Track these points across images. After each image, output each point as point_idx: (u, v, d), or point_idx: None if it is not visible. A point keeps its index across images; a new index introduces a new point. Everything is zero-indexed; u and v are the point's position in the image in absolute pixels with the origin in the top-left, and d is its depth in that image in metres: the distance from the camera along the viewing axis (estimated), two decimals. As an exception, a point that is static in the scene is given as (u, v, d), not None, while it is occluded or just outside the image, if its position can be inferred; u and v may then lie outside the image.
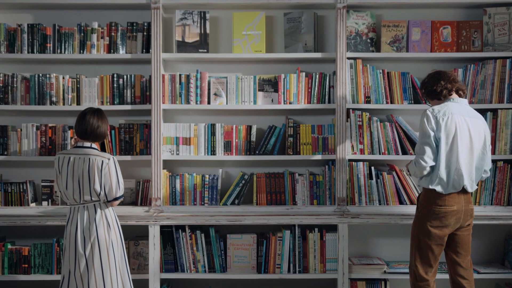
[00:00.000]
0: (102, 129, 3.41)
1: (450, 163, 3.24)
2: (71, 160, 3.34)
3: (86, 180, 3.30)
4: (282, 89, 3.99)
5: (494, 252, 4.18)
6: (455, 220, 3.25)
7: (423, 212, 3.31)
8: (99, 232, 3.31)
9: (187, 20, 4.01)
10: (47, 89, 3.98)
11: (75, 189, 3.31)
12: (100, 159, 3.32)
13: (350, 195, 3.96)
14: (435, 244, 3.27)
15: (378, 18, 4.11)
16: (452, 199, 3.24)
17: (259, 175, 4.00)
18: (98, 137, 3.41)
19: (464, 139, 3.25)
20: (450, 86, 3.33)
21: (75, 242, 3.31)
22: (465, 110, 3.31)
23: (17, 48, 3.99)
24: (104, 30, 3.99)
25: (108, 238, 3.34)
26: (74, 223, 3.33)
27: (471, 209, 3.32)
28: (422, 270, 3.31)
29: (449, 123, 3.22)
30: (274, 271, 3.92)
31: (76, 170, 3.32)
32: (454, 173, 3.23)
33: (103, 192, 3.32)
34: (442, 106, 3.29)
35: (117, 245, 3.39)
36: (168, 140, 3.99)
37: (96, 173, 3.30)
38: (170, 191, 4.00)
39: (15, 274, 3.91)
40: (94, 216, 3.33)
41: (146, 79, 4.01)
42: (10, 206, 3.98)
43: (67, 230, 3.36)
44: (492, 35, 3.97)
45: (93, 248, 3.30)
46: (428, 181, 3.28)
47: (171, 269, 3.93)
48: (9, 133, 4.00)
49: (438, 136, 3.23)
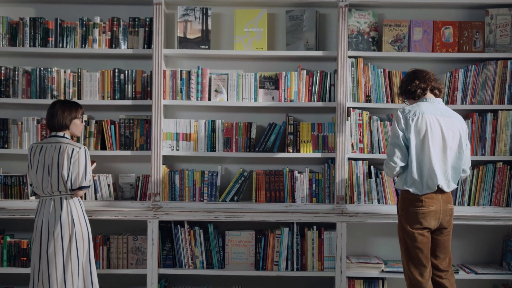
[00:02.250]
0: (57, 118, 3.39)
1: (422, 163, 3.19)
2: (43, 148, 3.36)
3: (55, 166, 3.31)
4: (283, 86, 3.99)
5: (492, 253, 4.17)
6: (434, 220, 3.21)
7: (402, 215, 3.27)
8: (63, 228, 3.31)
9: (189, 16, 4.01)
10: (48, 83, 3.98)
11: (45, 177, 3.32)
12: (71, 147, 3.34)
13: (349, 194, 3.96)
14: (422, 243, 3.22)
15: (380, 17, 4.11)
16: (429, 200, 3.20)
17: (259, 172, 4.00)
18: (62, 126, 3.40)
19: (436, 138, 3.20)
20: (424, 85, 3.29)
21: (40, 236, 3.32)
22: (437, 109, 3.25)
23: (19, 42, 3.99)
24: (106, 25, 3.99)
25: (72, 232, 3.33)
26: (41, 216, 3.34)
27: (450, 209, 3.26)
28: (417, 273, 3.25)
29: (420, 123, 3.18)
30: (272, 268, 3.93)
31: (47, 157, 3.33)
32: (427, 173, 3.19)
33: (69, 180, 3.32)
34: (413, 106, 3.25)
35: (81, 241, 3.37)
36: (168, 135, 4.00)
37: (65, 160, 3.31)
38: (170, 186, 4.00)
39: (14, 267, 3.92)
40: (60, 211, 3.32)
41: (147, 74, 4.01)
42: (10, 199, 3.99)
43: (35, 223, 3.37)
44: (493, 36, 3.96)
45: (56, 243, 3.30)
46: (403, 182, 3.26)
47: (169, 264, 3.94)
48: (10, 126, 4.01)
49: (407, 136, 3.19)
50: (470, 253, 4.16)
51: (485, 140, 3.94)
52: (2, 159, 4.13)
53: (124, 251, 3.94)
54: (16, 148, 4.00)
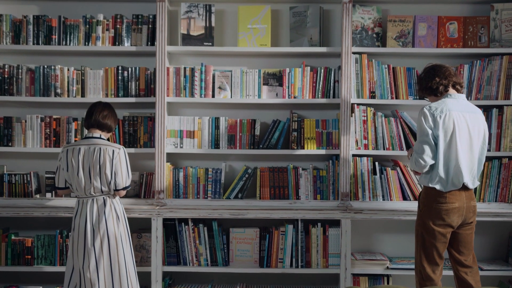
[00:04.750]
0: (109, 119, 3.44)
1: (449, 160, 3.19)
2: (81, 150, 3.34)
3: (97, 168, 3.31)
4: (286, 83, 3.98)
5: (498, 249, 4.16)
6: (457, 217, 3.22)
7: (424, 210, 3.27)
8: (108, 225, 3.32)
9: (193, 13, 4.00)
10: (52, 80, 3.98)
11: (86, 179, 3.31)
12: (111, 149, 3.34)
13: (354, 190, 3.95)
14: (440, 242, 3.24)
15: (384, 13, 4.09)
16: (453, 197, 3.20)
17: (263, 169, 3.99)
18: (104, 125, 3.42)
19: (463, 135, 3.19)
20: (445, 82, 3.27)
21: (84, 236, 3.31)
22: (463, 106, 3.24)
23: (23, 40, 3.99)
24: (109, 22, 3.99)
25: (117, 231, 3.35)
26: (83, 216, 3.33)
27: (473, 206, 3.27)
28: (429, 269, 3.26)
29: (447, 120, 3.17)
30: (276, 265, 3.92)
31: (87, 160, 3.32)
32: (453, 170, 3.19)
33: (113, 181, 3.33)
34: (439, 103, 3.23)
35: (125, 238, 3.40)
36: (172, 133, 3.99)
37: (107, 162, 3.31)
38: (174, 184, 4.00)
39: (18, 265, 3.93)
40: (104, 209, 3.33)
41: (150, 71, 4.01)
42: (14, 197, 3.99)
43: (76, 222, 3.35)
44: (499, 31, 3.94)
45: (103, 241, 3.31)
46: (428, 180, 3.25)
47: (173, 262, 3.94)
48: (14, 125, 4.01)
49: (436, 134, 3.18)
50: (476, 249, 4.12)
51: (490, 136, 3.91)
52: (6, 157, 4.13)
53: (128, 248, 3.94)
54: (20, 146, 4.00)
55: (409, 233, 4.07)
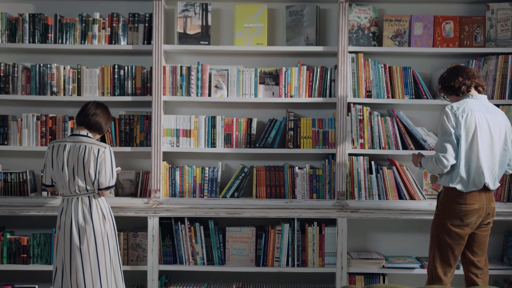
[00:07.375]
0: (99, 118, 3.41)
1: (470, 160, 3.18)
2: (67, 147, 3.33)
3: (81, 166, 3.29)
4: (283, 82, 3.98)
5: (493, 248, 4.16)
6: (476, 218, 3.20)
7: (443, 211, 3.25)
8: (95, 225, 3.30)
9: (189, 12, 4.00)
10: (48, 79, 3.97)
11: (70, 177, 3.30)
12: (96, 147, 3.32)
13: (350, 190, 3.95)
14: (456, 244, 3.22)
15: (380, 12, 4.10)
16: (473, 197, 3.19)
17: (259, 168, 3.99)
18: (92, 124, 3.40)
19: (485, 136, 3.19)
20: (469, 82, 3.27)
21: (70, 234, 3.29)
22: (484, 107, 3.24)
23: (18, 38, 3.98)
24: (105, 21, 3.98)
25: (103, 230, 3.33)
26: (69, 214, 3.31)
27: (493, 207, 3.25)
28: (440, 270, 3.26)
29: (469, 120, 3.16)
30: (272, 264, 3.92)
31: (71, 157, 3.30)
32: (474, 170, 3.17)
33: (96, 180, 3.31)
34: (461, 103, 3.22)
35: (111, 237, 3.38)
36: (168, 132, 3.99)
37: (91, 160, 3.29)
38: (170, 183, 4.00)
39: (14, 263, 3.92)
40: (90, 208, 3.32)
41: (147, 70, 4.00)
42: (10, 196, 3.98)
43: (61, 221, 3.33)
44: (494, 30, 3.95)
45: (89, 240, 3.29)
46: (448, 180, 3.22)
47: (169, 261, 3.93)
48: (10, 123, 4.00)
49: (458, 133, 3.17)
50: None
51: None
52: (2, 155, 4.13)
53: (124, 247, 3.93)
54: (16, 144, 3.99)
55: (405, 232, 4.09)
